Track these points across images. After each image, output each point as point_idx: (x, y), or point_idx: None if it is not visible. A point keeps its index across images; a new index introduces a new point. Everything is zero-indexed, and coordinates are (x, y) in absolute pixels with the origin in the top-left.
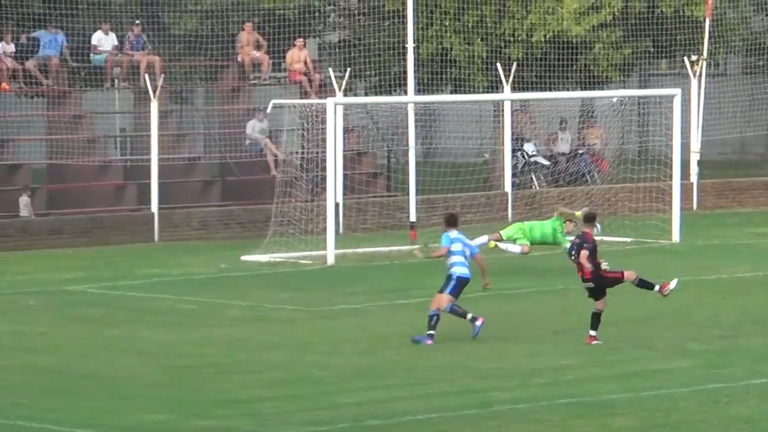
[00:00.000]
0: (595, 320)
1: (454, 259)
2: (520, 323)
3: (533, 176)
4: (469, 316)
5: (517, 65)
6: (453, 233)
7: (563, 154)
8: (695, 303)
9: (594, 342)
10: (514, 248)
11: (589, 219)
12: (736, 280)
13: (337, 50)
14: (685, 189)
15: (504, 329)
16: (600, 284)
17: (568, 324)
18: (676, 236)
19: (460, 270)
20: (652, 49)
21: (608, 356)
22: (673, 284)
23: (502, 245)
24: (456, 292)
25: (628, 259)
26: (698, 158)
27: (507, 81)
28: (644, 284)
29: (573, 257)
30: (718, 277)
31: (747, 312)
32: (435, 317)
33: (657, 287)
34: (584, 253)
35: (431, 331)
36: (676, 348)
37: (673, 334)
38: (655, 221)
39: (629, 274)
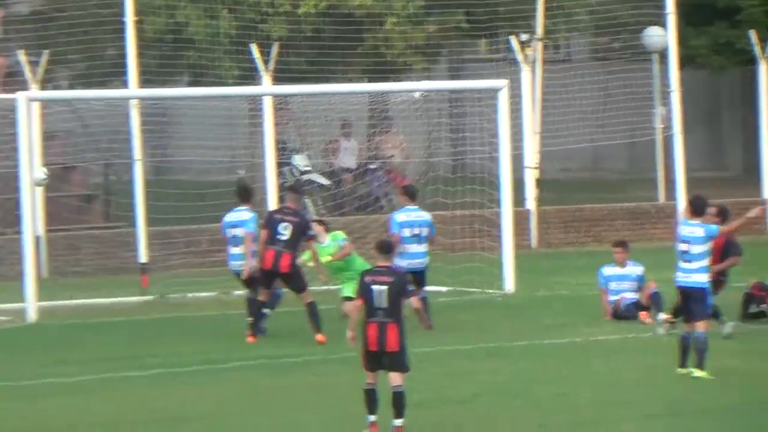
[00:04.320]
0: None
1: None
2: None
3: (307, 200)
4: None
5: (280, 47)
6: None
7: (348, 169)
8: (536, 377)
9: None
10: None
11: None
12: (593, 345)
13: (29, 25)
14: (519, 219)
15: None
16: None
17: None
18: (509, 284)
19: None
20: (466, 26)
21: None
22: None
23: None
24: None
25: (440, 317)
26: (536, 177)
27: (266, 69)
28: None
29: None
30: (570, 340)
31: (610, 388)
32: None
33: None
34: None
35: None
36: None
37: (506, 420)
38: (479, 263)
39: None
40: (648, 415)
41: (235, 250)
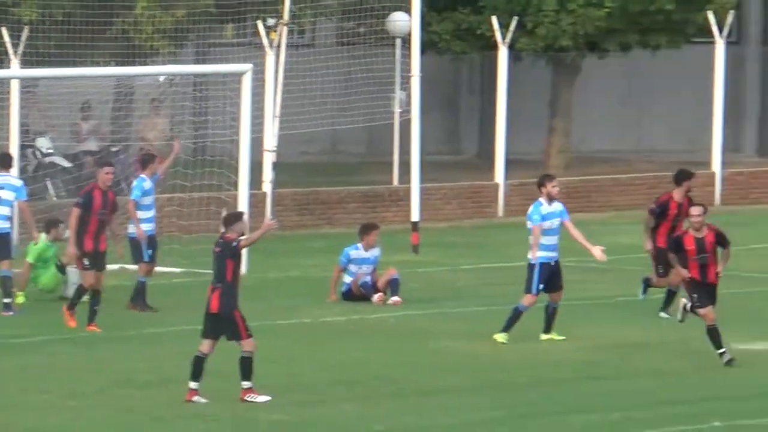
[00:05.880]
0: None
1: None
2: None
3: (49, 183)
4: None
5: (30, 31)
6: None
7: (90, 152)
8: (265, 357)
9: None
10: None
11: None
12: (322, 327)
13: None
14: (256, 201)
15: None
16: None
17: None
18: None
19: None
20: (214, 10)
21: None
22: None
23: None
24: None
25: (173, 298)
26: (274, 160)
27: (16, 52)
28: None
29: None
30: (298, 321)
31: (335, 369)
32: None
33: None
34: None
35: None
36: (239, 418)
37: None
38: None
39: None
40: (370, 396)
41: None
